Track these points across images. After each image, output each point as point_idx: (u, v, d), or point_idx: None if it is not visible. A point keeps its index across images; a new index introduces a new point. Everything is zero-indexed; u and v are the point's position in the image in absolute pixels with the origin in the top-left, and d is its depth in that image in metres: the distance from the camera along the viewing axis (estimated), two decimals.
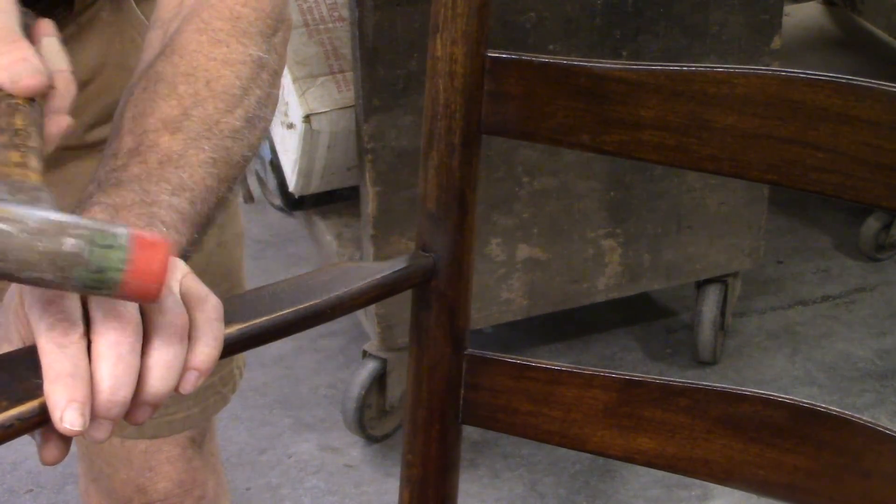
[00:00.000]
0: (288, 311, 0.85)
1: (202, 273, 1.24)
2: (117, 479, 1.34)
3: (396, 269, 0.95)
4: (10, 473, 2.21)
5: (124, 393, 0.74)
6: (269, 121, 0.99)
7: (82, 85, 1.14)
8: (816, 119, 0.87)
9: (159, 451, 1.33)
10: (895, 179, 0.85)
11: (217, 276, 1.28)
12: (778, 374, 2.41)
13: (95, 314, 0.74)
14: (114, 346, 0.74)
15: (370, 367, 2.20)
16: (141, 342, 0.75)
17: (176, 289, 0.78)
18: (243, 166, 0.95)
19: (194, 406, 1.32)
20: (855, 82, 0.86)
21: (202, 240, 0.92)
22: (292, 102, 2.17)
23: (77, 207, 0.86)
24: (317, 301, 0.87)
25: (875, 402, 2.33)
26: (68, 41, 1.12)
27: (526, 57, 0.95)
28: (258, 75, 0.96)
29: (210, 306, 0.79)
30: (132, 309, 0.75)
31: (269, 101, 0.98)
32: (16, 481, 2.20)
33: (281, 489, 2.18)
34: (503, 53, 0.95)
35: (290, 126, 2.19)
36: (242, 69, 0.95)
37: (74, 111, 0.89)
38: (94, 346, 0.74)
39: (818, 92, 0.86)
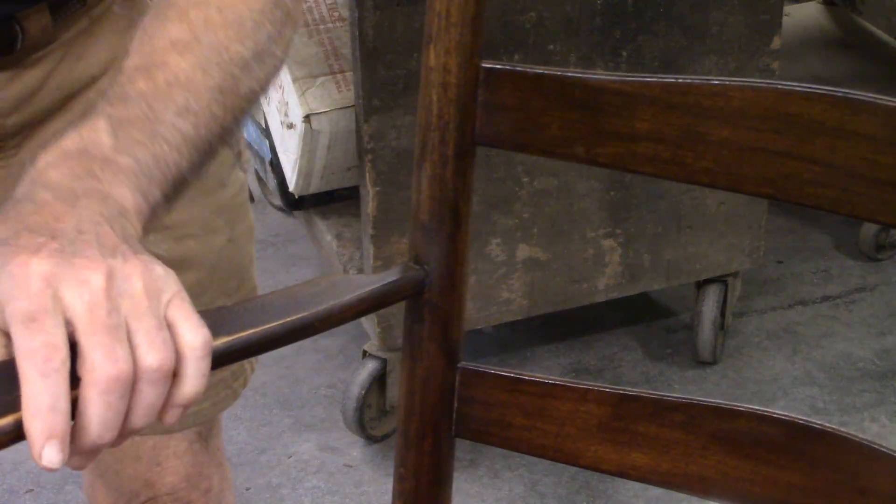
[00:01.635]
0: (276, 323, 0.84)
1: (213, 269, 1.25)
2: (125, 474, 1.34)
3: (388, 281, 0.94)
4: (11, 473, 2.21)
5: (110, 436, 0.74)
6: (281, 61, 0.98)
7: (92, 80, 1.14)
8: (812, 133, 0.86)
9: (167, 447, 1.33)
10: (891, 194, 0.84)
11: (228, 272, 1.28)
12: (778, 374, 2.40)
13: (86, 349, 0.73)
14: (105, 393, 0.73)
15: (370, 367, 2.19)
16: (130, 386, 0.74)
17: (161, 313, 0.76)
18: (251, 101, 0.94)
19: (205, 401, 1.32)
20: (851, 96, 0.85)
21: (203, 167, 0.90)
22: (292, 102, 2.17)
23: (81, 118, 0.85)
24: (306, 313, 0.86)
25: (875, 402, 2.33)
26: (81, 35, 1.12)
27: (520, 68, 0.94)
28: (272, 11, 0.95)
29: (199, 343, 0.77)
30: (124, 353, 0.74)
31: (281, 40, 0.97)
32: (16, 481, 2.20)
33: (281, 489, 2.18)
34: (497, 64, 0.94)
35: (290, 126, 2.18)
36: (255, 2, 0.94)
37: (87, 105, 0.89)
38: (83, 389, 0.73)
39: (814, 105, 0.86)
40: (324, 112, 2.15)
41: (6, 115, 1.11)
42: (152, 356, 0.74)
